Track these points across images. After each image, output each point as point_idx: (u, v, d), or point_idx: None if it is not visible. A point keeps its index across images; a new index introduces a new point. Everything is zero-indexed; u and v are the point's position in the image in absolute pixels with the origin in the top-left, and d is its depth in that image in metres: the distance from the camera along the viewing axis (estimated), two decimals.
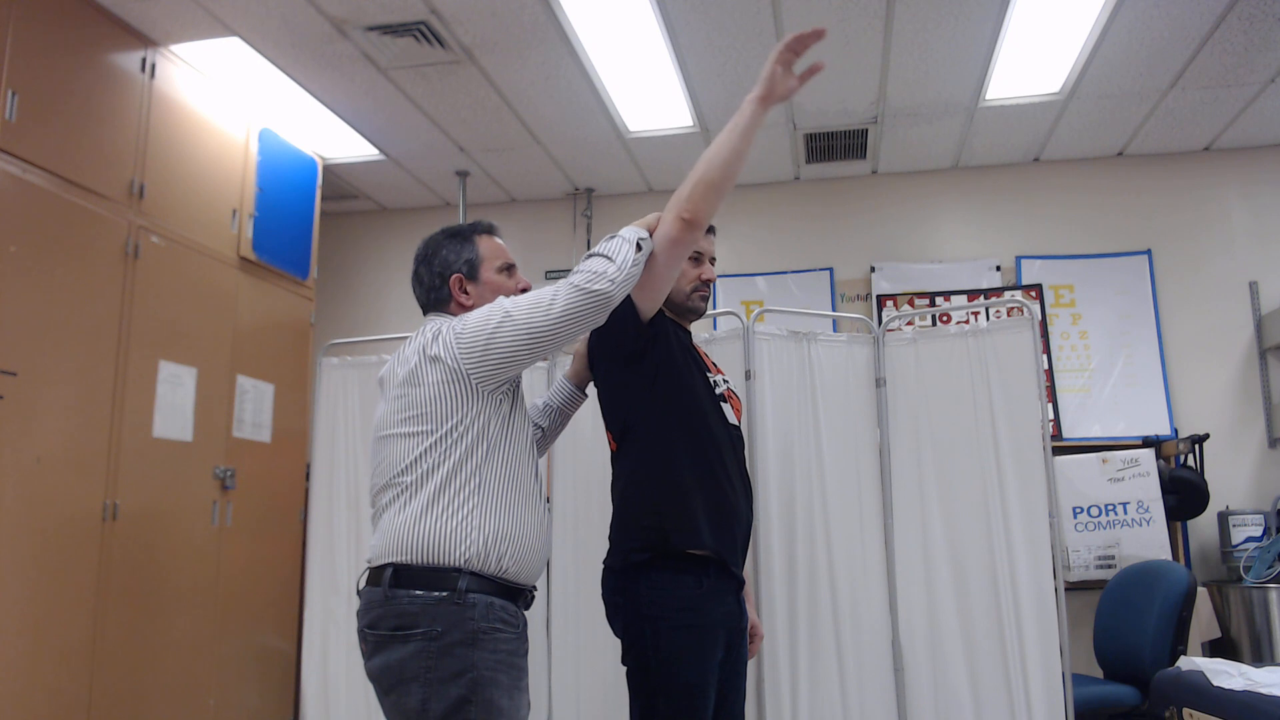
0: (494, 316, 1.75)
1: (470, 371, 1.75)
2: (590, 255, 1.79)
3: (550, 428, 2.17)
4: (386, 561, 1.73)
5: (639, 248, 1.80)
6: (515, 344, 1.73)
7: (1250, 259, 4.43)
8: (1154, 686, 2.77)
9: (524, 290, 1.94)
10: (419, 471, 1.74)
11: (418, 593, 1.68)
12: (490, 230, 1.99)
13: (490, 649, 1.67)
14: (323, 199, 4.41)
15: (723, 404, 2.06)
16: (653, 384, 1.94)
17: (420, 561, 1.69)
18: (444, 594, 1.67)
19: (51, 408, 2.88)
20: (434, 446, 1.74)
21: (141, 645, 3.15)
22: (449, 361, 1.75)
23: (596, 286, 1.72)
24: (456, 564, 1.68)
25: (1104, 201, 4.62)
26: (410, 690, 1.65)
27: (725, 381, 2.14)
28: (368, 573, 1.78)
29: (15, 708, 2.68)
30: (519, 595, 1.78)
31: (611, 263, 1.75)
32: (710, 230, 2.15)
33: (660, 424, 1.94)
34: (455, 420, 1.75)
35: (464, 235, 1.96)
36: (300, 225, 4.19)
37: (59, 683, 2.84)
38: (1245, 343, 4.37)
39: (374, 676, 1.72)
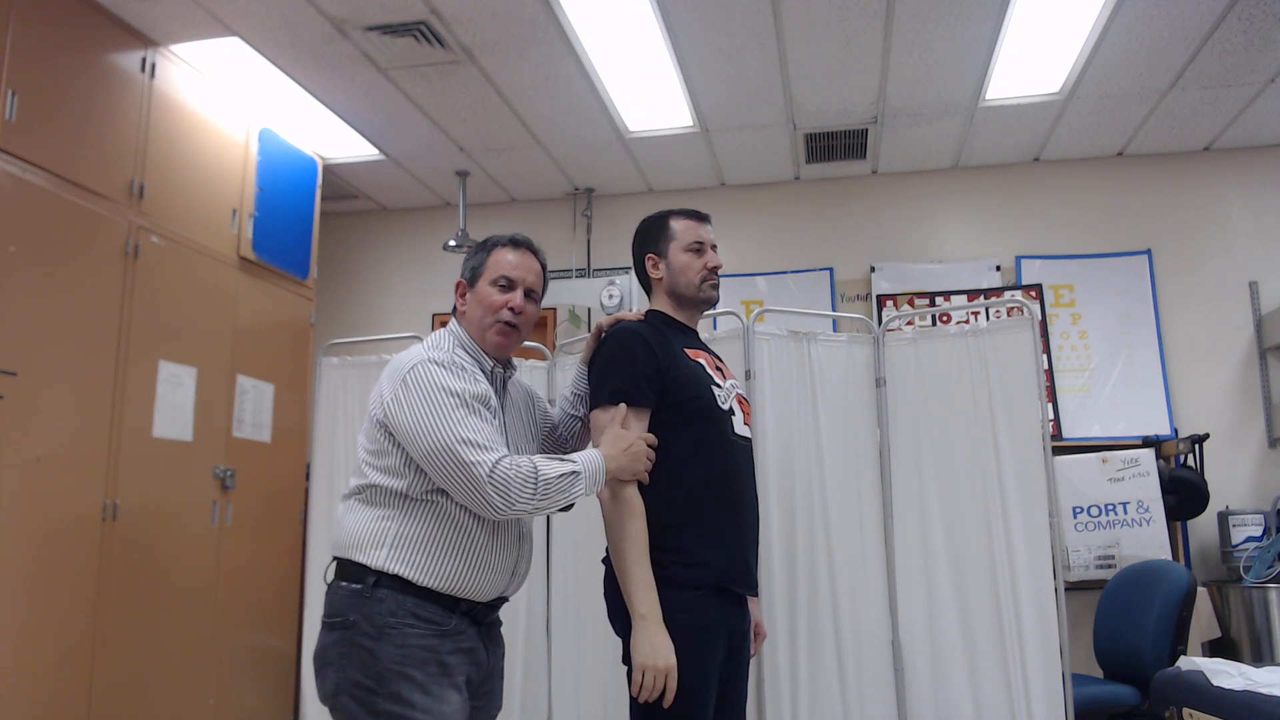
0: (431, 413, 1.71)
1: (388, 423, 1.77)
2: (545, 470, 1.71)
3: (587, 415, 2.11)
4: (332, 554, 1.83)
5: (576, 495, 1.76)
6: (414, 446, 1.72)
7: (1250, 259, 4.43)
8: (1154, 686, 2.77)
9: (514, 310, 1.89)
10: (356, 475, 1.83)
11: (343, 584, 1.77)
12: (514, 243, 1.94)
13: (397, 644, 1.70)
14: (323, 199, 4.41)
15: (732, 417, 2.00)
16: (662, 415, 1.92)
17: (344, 556, 1.79)
18: (359, 586, 1.74)
19: (51, 408, 2.87)
20: (368, 454, 1.81)
21: (141, 645, 3.15)
22: (384, 398, 1.78)
23: (493, 499, 1.67)
24: (365, 562, 1.75)
25: (1104, 201, 4.62)
26: (327, 675, 1.73)
27: (735, 386, 2.07)
28: None
29: (15, 708, 2.68)
30: (449, 601, 1.76)
31: (532, 499, 1.70)
32: (705, 219, 2.13)
33: (669, 455, 1.90)
34: (382, 445, 1.79)
35: (486, 244, 1.95)
36: (300, 225, 4.19)
37: (59, 683, 2.84)
38: (1245, 343, 4.37)
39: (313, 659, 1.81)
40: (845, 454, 3.02)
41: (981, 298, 4.55)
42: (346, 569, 1.77)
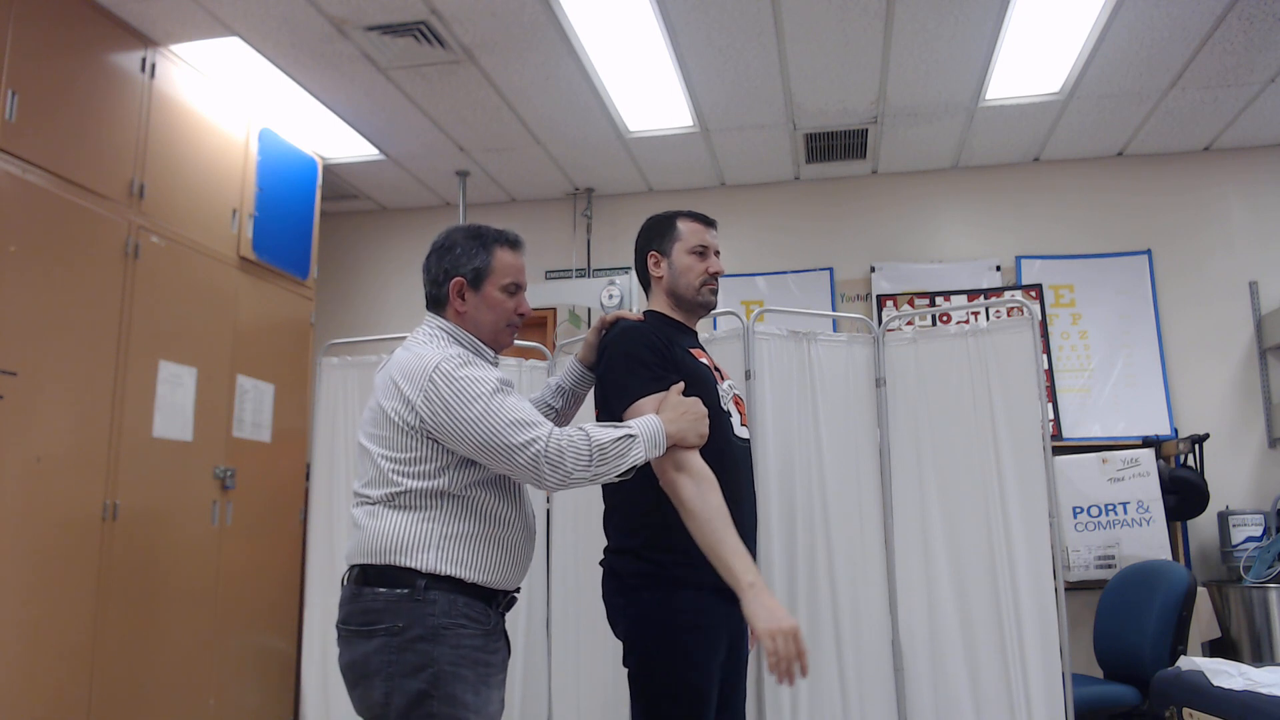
0: (471, 407, 1.69)
1: (425, 428, 1.74)
2: (598, 435, 1.70)
3: (564, 409, 2.16)
4: (355, 562, 1.77)
5: (635, 459, 1.73)
6: (464, 442, 1.70)
7: (1250, 259, 4.43)
8: (1154, 686, 2.77)
9: (521, 315, 1.91)
10: (381, 482, 1.77)
11: (381, 590, 1.71)
12: (513, 244, 1.92)
13: (452, 644, 1.68)
14: (323, 199, 4.41)
15: (730, 418, 2.01)
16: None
17: (382, 561, 1.73)
18: (405, 590, 1.70)
19: (51, 408, 2.87)
20: (395, 463, 1.76)
21: (141, 645, 3.15)
22: (413, 403, 1.73)
23: (548, 475, 1.67)
24: (414, 566, 1.71)
25: (1104, 201, 4.62)
26: (373, 685, 1.68)
27: (731, 387, 2.09)
28: (348, 571, 1.81)
29: (15, 708, 2.68)
30: (490, 596, 1.77)
31: (589, 467, 1.69)
32: (712, 224, 2.15)
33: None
34: (415, 453, 1.75)
35: (483, 240, 1.89)
36: (300, 225, 4.19)
37: (59, 683, 2.84)
38: (1245, 343, 4.37)
39: (343, 671, 1.75)
40: (845, 454, 3.02)
41: (981, 298, 4.55)
42: (384, 574, 1.71)
